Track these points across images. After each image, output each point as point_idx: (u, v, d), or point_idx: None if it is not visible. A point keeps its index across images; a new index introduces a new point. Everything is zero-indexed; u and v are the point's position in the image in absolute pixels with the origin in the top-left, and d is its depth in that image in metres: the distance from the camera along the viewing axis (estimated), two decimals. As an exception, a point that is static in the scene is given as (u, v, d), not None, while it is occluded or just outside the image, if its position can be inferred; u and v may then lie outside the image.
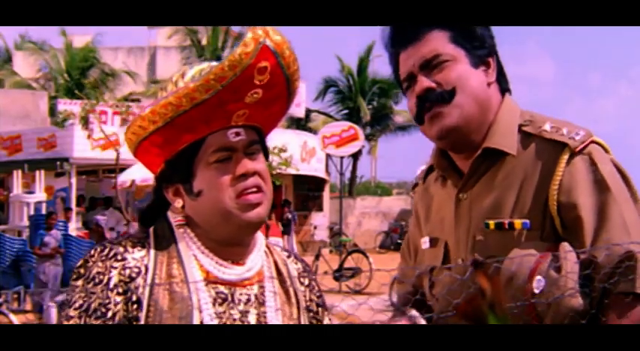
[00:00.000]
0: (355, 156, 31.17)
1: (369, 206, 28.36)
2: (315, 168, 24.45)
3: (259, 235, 1.63)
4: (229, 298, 1.52)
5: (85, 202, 19.68)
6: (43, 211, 14.96)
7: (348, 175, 32.14)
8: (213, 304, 1.49)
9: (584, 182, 1.62)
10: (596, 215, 1.59)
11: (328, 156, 25.04)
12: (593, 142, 1.66)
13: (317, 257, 14.55)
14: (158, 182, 1.59)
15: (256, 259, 1.60)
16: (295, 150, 20.40)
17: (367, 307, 1.77)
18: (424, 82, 1.70)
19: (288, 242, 21.21)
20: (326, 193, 27.66)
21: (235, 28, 28.56)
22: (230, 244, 1.55)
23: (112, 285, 1.44)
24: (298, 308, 1.64)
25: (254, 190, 1.51)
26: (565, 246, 1.55)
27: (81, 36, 31.01)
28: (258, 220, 1.53)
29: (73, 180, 18.01)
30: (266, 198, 1.53)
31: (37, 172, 17.45)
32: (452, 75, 1.69)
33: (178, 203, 1.55)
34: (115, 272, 1.46)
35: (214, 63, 1.47)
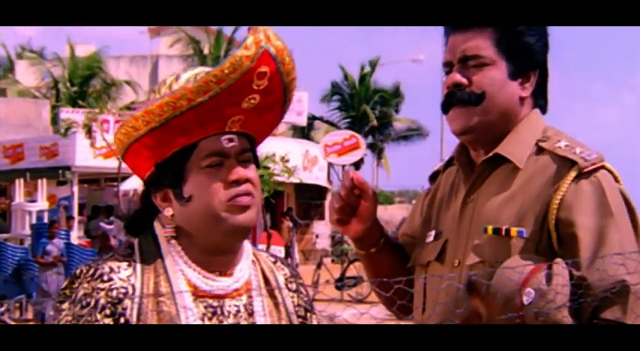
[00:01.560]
0: (357, 164, 31.16)
1: (371, 215, 28.25)
2: (316, 176, 24.46)
3: (246, 244, 1.62)
4: (219, 311, 1.50)
5: (86, 210, 19.68)
6: (45, 220, 14.96)
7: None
8: (202, 319, 1.47)
9: (587, 203, 1.61)
10: (594, 238, 1.59)
11: (330, 164, 25.06)
12: (604, 167, 1.65)
13: (319, 266, 14.52)
14: (146, 187, 1.56)
15: (244, 269, 1.58)
16: (297, 158, 20.40)
17: (369, 316, 1.77)
18: (456, 76, 1.71)
19: (290, 251, 21.17)
20: (328, 202, 27.62)
21: (239, 39, 28.61)
22: (219, 252, 1.53)
23: (99, 307, 1.41)
24: (288, 315, 1.62)
25: (245, 195, 1.49)
26: (559, 262, 1.53)
27: (83, 45, 31.06)
28: (247, 224, 1.50)
29: (75, 188, 18.02)
30: (256, 205, 1.52)
31: (39, 181, 17.46)
32: (485, 80, 1.69)
33: (168, 211, 1.52)
34: (102, 294, 1.42)
35: (208, 68, 1.46)
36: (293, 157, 17.45)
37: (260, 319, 1.54)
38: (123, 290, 1.44)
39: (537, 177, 1.68)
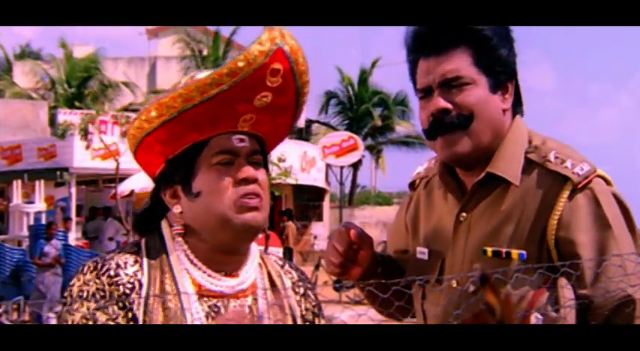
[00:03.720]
0: (355, 166, 31.20)
1: (369, 216, 28.34)
2: (314, 178, 24.46)
3: (254, 246, 1.62)
4: (223, 311, 1.51)
5: (83, 211, 19.67)
6: (43, 221, 14.94)
7: (348, 184, 32.15)
8: (207, 318, 1.48)
9: (584, 219, 1.60)
10: (595, 254, 1.58)
11: (328, 166, 25.08)
12: (596, 176, 1.64)
13: (317, 267, 14.52)
14: (157, 183, 1.57)
15: (250, 271, 1.58)
16: (295, 160, 20.40)
17: (367, 317, 1.76)
18: (440, 102, 1.67)
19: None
20: (326, 203, 27.66)
21: (238, 40, 28.62)
22: (226, 252, 1.53)
23: (115, 299, 1.43)
24: (294, 319, 1.61)
25: (253, 196, 1.49)
26: (563, 282, 1.52)
27: (81, 46, 31.05)
28: (255, 225, 1.50)
29: (73, 190, 18.02)
30: (264, 207, 1.52)
31: (37, 182, 17.42)
32: (470, 100, 1.67)
33: (177, 209, 1.53)
34: (112, 287, 1.44)
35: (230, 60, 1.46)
36: (291, 158, 17.46)
37: (265, 322, 1.54)
38: (129, 285, 1.46)
39: (531, 195, 1.66)
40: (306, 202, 26.34)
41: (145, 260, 1.51)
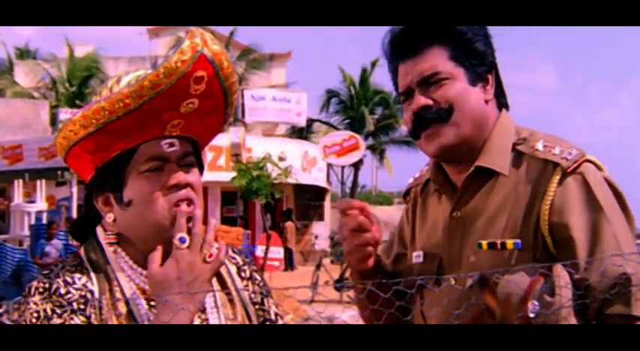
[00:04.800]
0: (356, 165, 31.19)
1: (370, 216, 28.25)
2: (316, 177, 24.46)
3: None
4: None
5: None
6: (44, 221, 14.95)
7: (349, 184, 32.13)
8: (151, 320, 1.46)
9: (576, 202, 1.61)
10: (588, 236, 1.59)
11: (329, 165, 25.08)
12: (586, 160, 1.65)
13: (318, 267, 14.50)
14: (88, 190, 1.55)
15: None
16: (296, 159, 20.40)
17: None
18: (421, 99, 1.70)
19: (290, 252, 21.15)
20: (327, 203, 27.65)
21: (237, 40, 28.64)
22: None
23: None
24: (244, 306, 1.61)
25: (186, 201, 1.48)
26: (558, 268, 1.52)
27: (82, 46, 31.07)
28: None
29: (74, 189, 18.01)
30: (197, 212, 1.49)
31: (38, 182, 17.46)
32: (450, 93, 1.69)
33: (109, 218, 1.51)
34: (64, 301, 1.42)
35: (151, 70, 1.43)
36: (292, 158, 17.45)
37: (212, 315, 1.55)
38: (82, 300, 1.44)
39: (522, 184, 1.67)
40: (307, 201, 26.33)
41: (90, 271, 1.50)
